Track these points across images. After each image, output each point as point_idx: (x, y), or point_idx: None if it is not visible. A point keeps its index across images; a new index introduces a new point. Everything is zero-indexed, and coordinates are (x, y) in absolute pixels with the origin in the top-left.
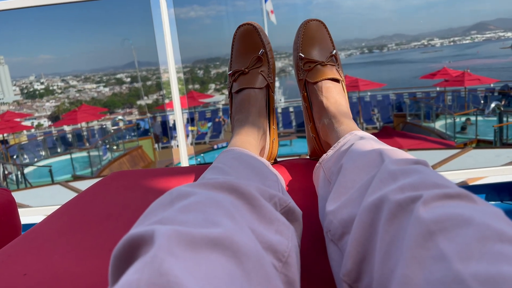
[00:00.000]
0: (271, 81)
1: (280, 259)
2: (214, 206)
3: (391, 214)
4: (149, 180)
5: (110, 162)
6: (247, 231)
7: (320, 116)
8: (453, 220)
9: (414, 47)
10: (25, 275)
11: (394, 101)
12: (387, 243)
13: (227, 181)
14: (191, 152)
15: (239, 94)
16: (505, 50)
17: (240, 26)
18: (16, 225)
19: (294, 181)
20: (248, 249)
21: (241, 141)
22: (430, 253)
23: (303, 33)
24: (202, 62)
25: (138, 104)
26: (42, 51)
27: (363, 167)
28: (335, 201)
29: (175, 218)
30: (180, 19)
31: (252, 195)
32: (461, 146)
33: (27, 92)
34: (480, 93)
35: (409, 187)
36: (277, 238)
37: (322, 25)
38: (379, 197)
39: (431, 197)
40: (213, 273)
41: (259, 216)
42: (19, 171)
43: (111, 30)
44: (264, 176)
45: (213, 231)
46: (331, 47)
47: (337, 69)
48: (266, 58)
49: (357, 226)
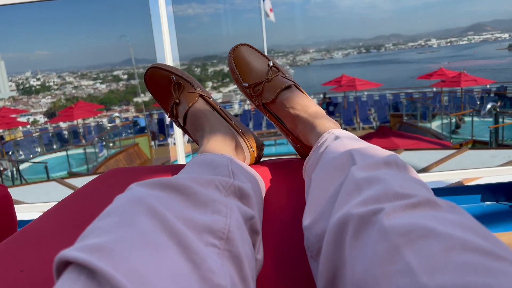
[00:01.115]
0: (201, 91)
1: (220, 237)
2: (134, 206)
3: (355, 230)
4: (145, 177)
5: (106, 159)
6: (174, 222)
7: (294, 127)
8: (417, 232)
9: (411, 47)
10: (21, 272)
11: (391, 101)
12: (354, 259)
13: (157, 180)
14: (187, 150)
15: (186, 120)
16: (501, 51)
17: (145, 76)
18: (12, 221)
19: (277, 180)
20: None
21: (206, 148)
22: (397, 267)
23: (235, 63)
24: (199, 60)
25: (135, 101)
26: (39, 47)
27: (334, 173)
28: (309, 215)
29: (91, 230)
30: (178, 17)
31: (183, 185)
32: (457, 146)
33: (23, 88)
34: (476, 94)
35: (372, 200)
36: (214, 218)
37: (246, 46)
38: (344, 213)
39: (393, 209)
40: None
41: (193, 203)
42: (14, 167)
43: (109, 27)
44: (215, 165)
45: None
46: (265, 60)
47: (282, 76)
48: (182, 79)
49: (326, 244)
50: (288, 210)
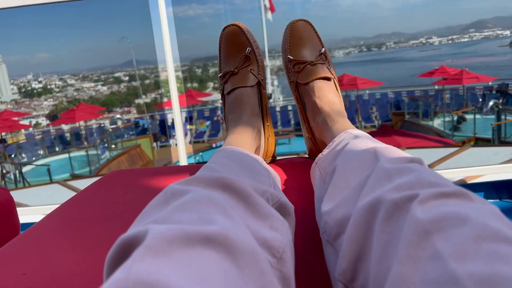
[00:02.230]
0: (262, 78)
1: (274, 255)
2: (209, 204)
3: (387, 214)
4: (147, 179)
5: (109, 161)
6: (242, 227)
7: (314, 116)
8: (449, 220)
9: (413, 45)
10: (24, 275)
11: (393, 99)
12: (384, 242)
13: (220, 177)
14: (189, 150)
15: (231, 94)
16: (503, 48)
17: (224, 28)
18: (14, 224)
19: (292, 180)
20: (242, 245)
21: (235, 140)
22: (426, 252)
23: (290, 34)
24: (200, 61)
25: (137, 102)
26: (40, 50)
27: (358, 166)
28: (330, 201)
29: (170, 218)
30: (178, 18)
31: (246, 191)
32: (459, 144)
33: (25, 91)
34: (478, 91)
35: (405, 186)
36: (272, 234)
37: (308, 24)
38: (375, 197)
39: (427, 196)
40: (206, 269)
41: (253, 213)
42: (17, 170)
43: (109, 29)
44: (256, 172)
45: (208, 228)
46: (319, 45)
47: (327, 67)
48: (254, 56)
49: (352, 226)
50: (300, 209)
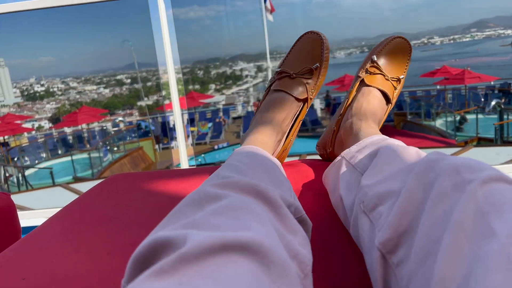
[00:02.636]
0: (311, 97)
1: (303, 270)
2: (245, 211)
3: (444, 192)
4: (149, 182)
5: (111, 164)
6: (276, 238)
7: (352, 115)
8: (507, 205)
9: (414, 45)
10: (24, 280)
11: None
12: (436, 217)
13: (254, 184)
14: (191, 152)
15: (275, 93)
16: (505, 48)
17: (309, 32)
18: (15, 229)
19: (295, 182)
20: (276, 256)
21: (258, 140)
22: (480, 230)
23: (388, 43)
24: (202, 63)
25: (139, 105)
26: (42, 53)
27: (403, 155)
28: (372, 177)
29: (207, 222)
30: (179, 20)
31: (277, 201)
32: (462, 144)
33: (28, 94)
34: (480, 91)
35: (465, 168)
36: (299, 250)
37: (408, 47)
38: (431, 175)
39: (489, 178)
40: (239, 280)
41: (283, 225)
42: (20, 173)
43: (111, 32)
44: (279, 180)
45: (245, 234)
46: (402, 72)
47: (393, 91)
48: (318, 73)
49: (404, 199)
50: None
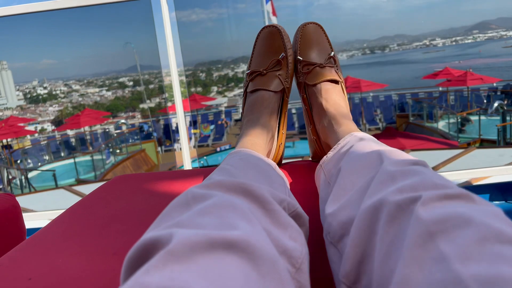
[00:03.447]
0: (288, 86)
1: (294, 265)
2: (231, 209)
3: (390, 216)
4: (152, 183)
5: (114, 166)
6: (264, 234)
7: (320, 118)
8: (452, 221)
9: (416, 47)
10: (30, 280)
11: (397, 101)
12: (387, 244)
13: (241, 183)
14: (194, 155)
15: (253, 94)
16: (507, 49)
17: (265, 27)
18: (20, 230)
19: (295, 183)
20: (264, 252)
21: (250, 143)
22: (430, 254)
23: (301, 36)
24: (204, 65)
25: (141, 107)
26: (45, 56)
27: (362, 169)
28: (334, 203)
29: (193, 221)
30: (182, 22)
31: (266, 198)
32: (464, 146)
33: (30, 97)
34: (483, 92)
35: (408, 188)
36: (291, 244)
37: (319, 27)
38: (378, 199)
39: (430, 197)
40: (227, 276)
41: (273, 221)
42: (23, 175)
43: (113, 34)
44: (272, 178)
45: (231, 233)
46: (329, 49)
47: (335, 71)
48: (286, 63)
49: (356, 228)
50: (307, 213)
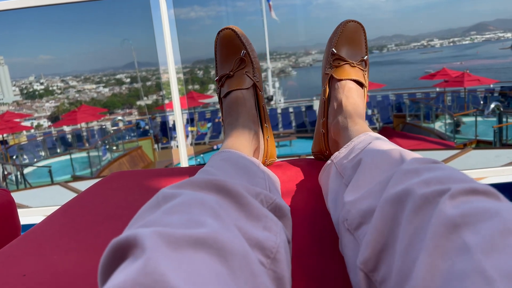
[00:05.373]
0: (257, 80)
1: (268, 255)
2: (199, 206)
3: (416, 206)
4: (148, 180)
5: (110, 163)
6: (233, 229)
7: (335, 114)
8: (478, 215)
9: (414, 47)
10: (24, 276)
11: (394, 101)
12: (410, 234)
13: (213, 180)
14: (191, 152)
15: (227, 97)
16: (504, 51)
17: (219, 32)
18: (15, 225)
19: (293, 181)
20: (233, 247)
21: (232, 143)
22: (454, 244)
23: (342, 31)
24: (202, 63)
25: (138, 104)
26: (42, 52)
27: (384, 163)
28: (354, 192)
29: (159, 221)
30: (180, 20)
31: (238, 192)
32: (460, 146)
33: (27, 93)
34: (479, 93)
35: (435, 181)
36: (265, 235)
37: (361, 28)
38: (402, 189)
39: (458, 191)
40: (197, 272)
41: (246, 214)
42: (18, 171)
43: (111, 31)
44: (252, 174)
45: (197, 231)
46: (364, 51)
47: (364, 74)
48: (249, 59)
49: (378, 216)
50: (302, 210)
